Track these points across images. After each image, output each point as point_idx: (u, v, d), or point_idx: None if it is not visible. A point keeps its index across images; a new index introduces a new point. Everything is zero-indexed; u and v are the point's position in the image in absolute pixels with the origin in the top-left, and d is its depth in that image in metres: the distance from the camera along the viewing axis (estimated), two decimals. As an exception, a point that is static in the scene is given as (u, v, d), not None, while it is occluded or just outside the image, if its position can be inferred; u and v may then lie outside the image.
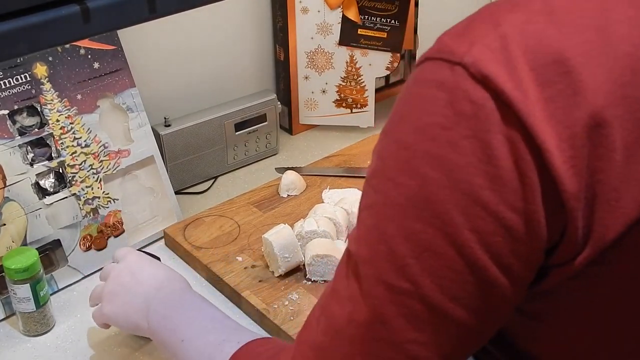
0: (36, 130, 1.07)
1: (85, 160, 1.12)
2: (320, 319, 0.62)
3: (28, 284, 0.97)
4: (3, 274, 0.99)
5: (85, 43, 1.11)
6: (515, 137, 0.52)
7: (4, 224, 1.03)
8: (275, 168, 1.37)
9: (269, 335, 1.01)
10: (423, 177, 0.54)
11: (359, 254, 0.59)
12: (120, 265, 0.93)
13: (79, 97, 1.11)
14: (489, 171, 0.52)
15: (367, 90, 1.45)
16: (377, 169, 0.58)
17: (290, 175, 1.27)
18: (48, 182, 1.09)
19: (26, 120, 1.07)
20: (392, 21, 1.38)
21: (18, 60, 1.05)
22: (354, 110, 1.48)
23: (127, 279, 0.90)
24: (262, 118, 1.37)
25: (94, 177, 1.12)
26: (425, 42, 1.62)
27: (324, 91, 1.46)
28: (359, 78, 1.44)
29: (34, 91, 1.07)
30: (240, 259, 1.12)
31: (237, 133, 1.35)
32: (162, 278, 0.90)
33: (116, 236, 1.15)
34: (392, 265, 0.56)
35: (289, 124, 1.49)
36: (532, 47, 0.53)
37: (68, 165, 1.10)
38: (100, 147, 1.13)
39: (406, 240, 0.55)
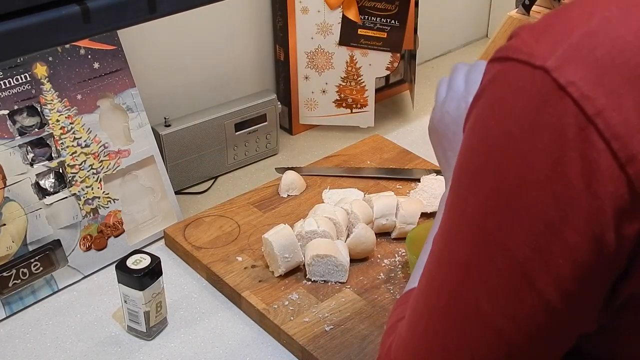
0: (36, 130, 1.07)
1: (85, 160, 1.12)
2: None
3: None
4: (4, 273, 0.99)
5: (85, 43, 1.11)
6: (594, 156, 0.47)
7: (4, 224, 1.03)
8: (275, 168, 1.37)
9: (270, 336, 1.01)
10: (490, 187, 0.52)
11: (433, 249, 0.58)
12: None
13: (79, 97, 1.11)
14: (556, 190, 0.49)
15: (367, 90, 1.45)
16: (457, 167, 0.56)
17: (290, 175, 1.27)
18: (48, 182, 1.09)
19: (26, 120, 1.07)
20: (392, 21, 1.38)
21: (18, 60, 1.05)
22: (354, 110, 1.48)
23: None
24: (262, 118, 1.37)
25: (94, 177, 1.12)
26: (425, 42, 1.62)
27: (324, 91, 1.46)
28: (359, 78, 1.44)
29: (34, 91, 1.07)
30: (240, 259, 1.12)
31: (237, 133, 1.35)
32: None
33: (116, 236, 1.15)
34: (453, 271, 0.55)
35: (289, 124, 1.49)
36: (625, 49, 0.47)
37: (68, 165, 1.10)
38: (100, 147, 1.13)
39: (469, 249, 0.54)
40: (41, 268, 1.06)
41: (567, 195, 0.48)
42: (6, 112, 1.05)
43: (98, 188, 1.13)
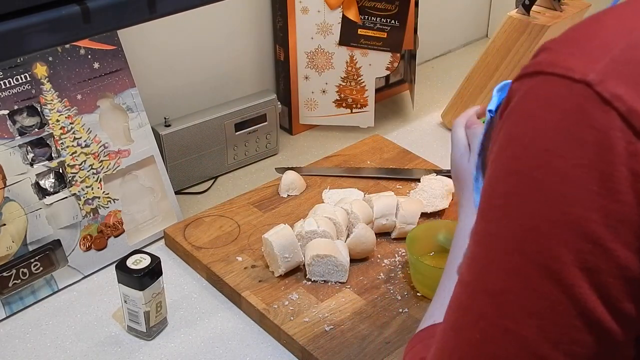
0: (36, 130, 1.07)
1: (85, 160, 1.12)
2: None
3: None
4: (4, 273, 0.99)
5: (85, 43, 1.11)
6: None
7: (4, 224, 1.03)
8: (275, 168, 1.37)
9: (270, 336, 1.01)
10: (528, 207, 0.50)
11: (463, 279, 0.56)
12: None
13: (79, 97, 1.11)
14: (605, 206, 0.47)
15: (367, 90, 1.45)
16: (486, 192, 0.54)
17: (290, 175, 1.27)
18: (48, 182, 1.09)
19: (26, 120, 1.07)
20: (392, 21, 1.38)
21: (18, 60, 1.05)
22: (354, 110, 1.48)
23: None
24: (262, 118, 1.37)
25: (94, 177, 1.12)
26: (425, 42, 1.62)
27: (324, 91, 1.45)
28: (359, 78, 1.44)
29: (34, 91, 1.07)
30: (240, 259, 1.12)
31: (237, 133, 1.35)
32: None
33: (116, 236, 1.15)
34: (491, 301, 0.52)
35: (289, 124, 1.49)
36: None
37: (68, 165, 1.10)
38: (100, 147, 1.13)
39: (506, 276, 0.51)
40: (41, 268, 1.06)
41: (617, 211, 0.47)
42: (6, 112, 1.05)
43: (98, 188, 1.13)
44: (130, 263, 0.98)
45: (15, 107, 1.06)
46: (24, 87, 1.06)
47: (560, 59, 0.49)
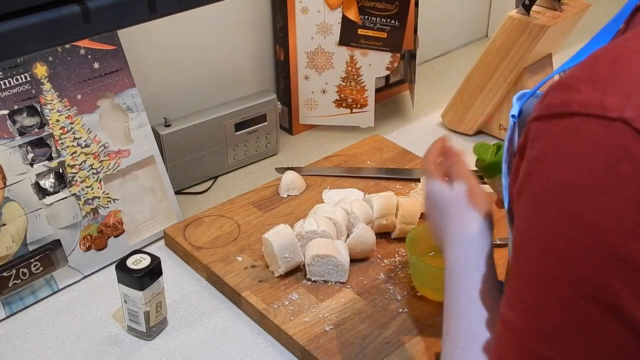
0: (36, 130, 1.07)
1: (85, 160, 1.12)
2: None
3: None
4: (4, 273, 0.99)
5: (85, 43, 1.11)
6: None
7: (4, 224, 1.03)
8: (275, 168, 1.37)
9: (270, 336, 1.01)
10: (573, 243, 0.51)
11: (512, 323, 0.56)
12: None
13: (79, 97, 1.11)
14: None
15: (367, 90, 1.45)
16: (523, 232, 0.55)
17: (290, 175, 1.27)
18: (48, 182, 1.09)
19: (26, 120, 1.07)
20: (392, 21, 1.38)
21: (18, 60, 1.05)
22: (354, 110, 1.48)
23: None
24: (262, 118, 1.37)
25: (94, 177, 1.12)
26: (425, 42, 1.62)
27: (324, 91, 1.45)
28: (359, 78, 1.44)
29: (34, 91, 1.07)
30: (240, 259, 1.12)
31: (237, 133, 1.35)
32: None
33: (116, 236, 1.15)
34: (543, 338, 0.53)
35: (289, 124, 1.49)
36: None
37: (68, 165, 1.10)
38: (100, 147, 1.13)
39: (564, 315, 0.52)
40: (41, 268, 1.06)
41: None
42: (6, 112, 1.05)
43: (98, 188, 1.13)
44: (130, 263, 0.98)
45: (15, 107, 1.06)
46: (24, 87, 1.06)
47: (592, 98, 0.50)
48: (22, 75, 1.06)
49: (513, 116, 0.69)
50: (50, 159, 1.08)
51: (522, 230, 0.55)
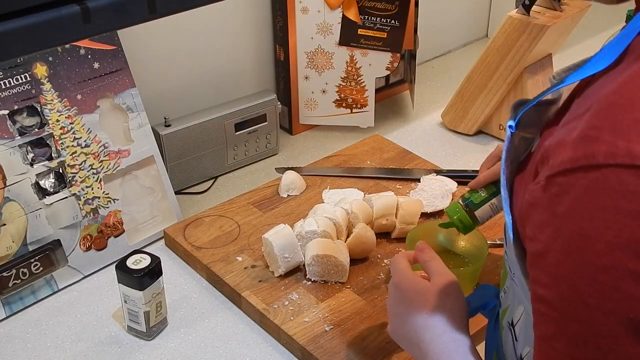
0: (36, 130, 1.07)
1: (85, 160, 1.12)
2: None
3: None
4: (4, 273, 0.99)
5: (85, 43, 1.11)
6: None
7: (4, 224, 1.03)
8: (275, 168, 1.37)
9: (270, 336, 1.01)
10: (635, 300, 0.49)
11: None
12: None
13: (79, 97, 1.11)
14: None
15: (367, 90, 1.45)
16: (570, 297, 0.53)
17: (290, 175, 1.27)
18: (48, 182, 1.09)
19: (26, 120, 1.07)
20: (392, 21, 1.38)
21: (18, 60, 1.05)
22: (354, 110, 1.48)
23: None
24: (262, 118, 1.37)
25: (94, 177, 1.12)
26: (425, 42, 1.62)
27: (324, 91, 1.46)
28: (359, 78, 1.44)
29: (34, 91, 1.07)
30: (240, 259, 1.12)
31: (237, 133, 1.35)
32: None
33: (116, 236, 1.15)
34: None
35: (289, 124, 1.49)
36: None
37: (68, 165, 1.10)
38: (100, 147, 1.13)
39: None
40: (41, 268, 1.06)
41: None
42: (6, 112, 1.05)
43: (98, 188, 1.13)
44: (130, 263, 0.98)
45: (15, 107, 1.06)
46: (24, 87, 1.06)
47: (618, 147, 0.49)
48: (22, 75, 1.06)
49: (510, 127, 0.68)
50: (50, 159, 1.08)
51: (557, 294, 0.54)
